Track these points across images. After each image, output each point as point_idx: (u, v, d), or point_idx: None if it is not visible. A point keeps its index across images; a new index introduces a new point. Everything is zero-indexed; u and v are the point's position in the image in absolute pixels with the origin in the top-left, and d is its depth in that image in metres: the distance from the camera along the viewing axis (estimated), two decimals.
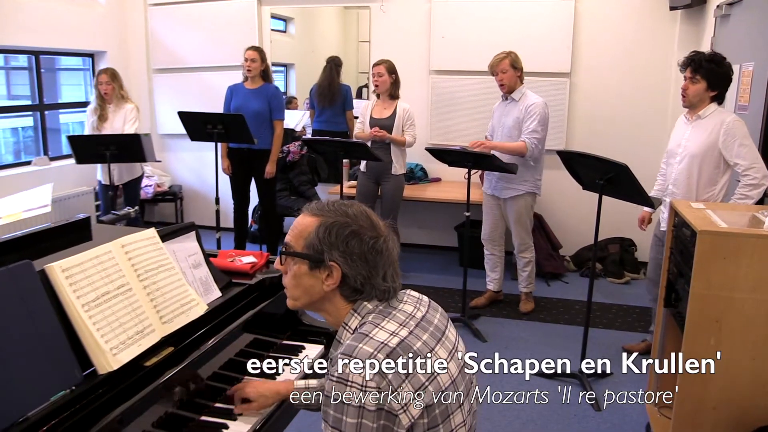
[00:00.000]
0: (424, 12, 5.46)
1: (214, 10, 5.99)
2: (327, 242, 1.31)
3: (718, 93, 3.16)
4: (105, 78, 4.89)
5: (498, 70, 4.08)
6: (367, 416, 1.16)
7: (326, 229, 1.31)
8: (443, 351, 1.31)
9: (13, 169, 5.38)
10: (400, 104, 4.62)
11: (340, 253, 1.30)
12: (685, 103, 3.22)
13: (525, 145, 4.02)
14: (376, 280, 1.32)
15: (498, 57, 4.09)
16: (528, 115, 4.04)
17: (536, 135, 4.03)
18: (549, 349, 3.87)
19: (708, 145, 3.14)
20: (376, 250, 1.31)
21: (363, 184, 4.79)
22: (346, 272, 1.31)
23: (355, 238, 1.30)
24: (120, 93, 4.95)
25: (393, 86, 4.62)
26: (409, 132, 4.60)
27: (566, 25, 5.13)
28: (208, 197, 6.10)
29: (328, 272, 1.32)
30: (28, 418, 1.21)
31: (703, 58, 3.12)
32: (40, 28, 5.24)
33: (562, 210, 5.41)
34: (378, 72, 4.57)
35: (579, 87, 5.25)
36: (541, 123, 4.04)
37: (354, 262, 1.30)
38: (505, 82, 4.09)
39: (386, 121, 4.59)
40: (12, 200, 2.61)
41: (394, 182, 4.70)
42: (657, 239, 3.55)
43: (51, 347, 1.30)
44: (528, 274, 4.40)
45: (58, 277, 1.38)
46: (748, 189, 3.05)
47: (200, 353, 1.65)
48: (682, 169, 3.25)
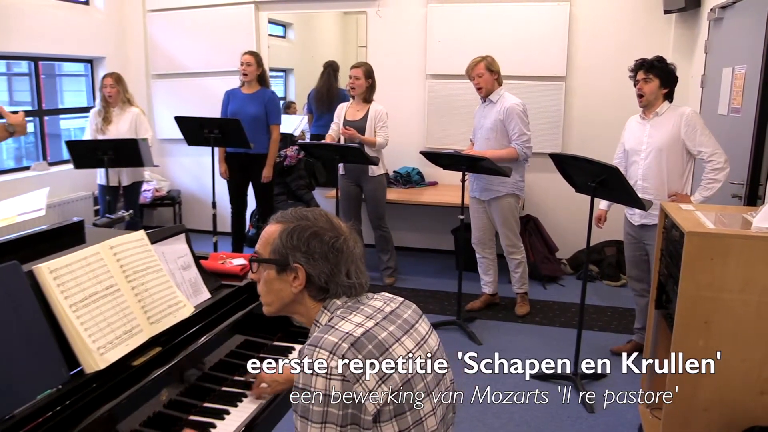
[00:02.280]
0: (421, 16, 5.49)
1: (212, 16, 6.02)
2: (290, 245, 1.37)
3: (669, 91, 3.43)
4: (110, 81, 4.93)
5: (474, 74, 4.13)
6: (332, 404, 1.21)
7: (288, 234, 1.38)
8: (410, 341, 1.35)
9: (13, 174, 5.41)
10: (373, 106, 4.66)
11: (302, 254, 1.37)
12: (643, 102, 3.46)
13: (516, 152, 4.08)
14: (339, 278, 1.38)
15: (474, 61, 4.14)
16: (508, 119, 4.08)
17: (524, 137, 4.08)
18: (544, 351, 3.88)
19: (671, 138, 3.36)
20: (337, 249, 1.37)
21: (344, 187, 4.81)
22: (310, 272, 1.37)
23: (315, 239, 1.37)
24: (125, 96, 4.99)
25: (368, 90, 4.66)
26: (380, 133, 4.63)
27: (561, 29, 5.15)
28: (207, 202, 6.11)
29: (294, 274, 1.38)
30: (14, 415, 1.23)
31: (652, 60, 3.43)
32: (39, 35, 5.27)
33: (559, 213, 5.43)
34: (355, 75, 4.62)
35: (574, 90, 5.27)
36: (524, 124, 4.09)
37: (316, 262, 1.36)
38: (482, 86, 4.13)
39: (358, 123, 4.63)
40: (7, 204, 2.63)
41: (374, 183, 4.73)
42: (630, 237, 3.66)
43: (38, 346, 1.32)
44: (520, 275, 4.41)
45: (46, 278, 1.40)
46: (715, 173, 3.27)
47: (188, 353, 1.67)
48: (651, 164, 3.43)
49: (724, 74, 3.94)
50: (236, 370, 1.91)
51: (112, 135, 4.87)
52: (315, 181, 6.04)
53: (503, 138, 4.12)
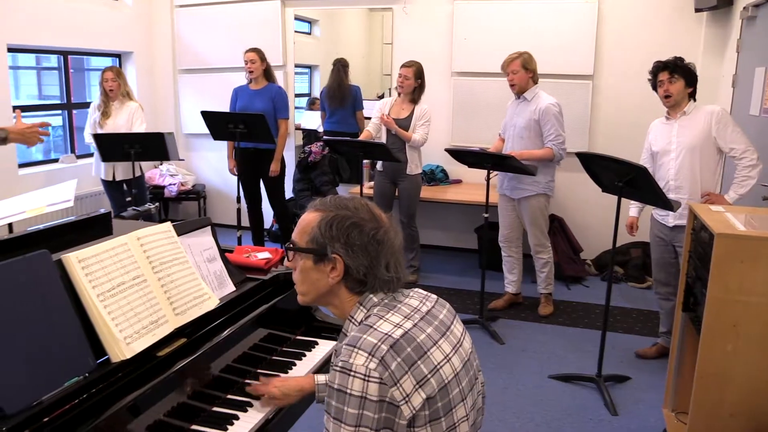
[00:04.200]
0: (447, 14, 5.47)
1: (239, 12, 6.06)
2: (329, 235, 1.33)
3: (693, 90, 3.42)
4: (111, 75, 4.97)
5: (509, 71, 4.09)
6: (368, 406, 1.17)
7: (327, 223, 1.33)
8: (447, 345, 1.31)
9: (42, 167, 5.50)
10: (419, 105, 4.63)
11: (341, 245, 1.32)
12: (670, 102, 3.43)
13: (552, 152, 4.03)
14: (378, 270, 1.33)
15: (510, 57, 4.09)
16: (544, 120, 4.03)
17: (560, 139, 4.04)
18: (567, 352, 3.84)
19: (703, 136, 3.33)
20: (377, 241, 1.33)
21: (380, 184, 4.81)
22: (348, 263, 1.32)
23: (355, 230, 1.32)
24: (125, 90, 5.04)
25: (416, 91, 4.63)
26: (420, 130, 4.60)
27: (589, 27, 5.09)
28: (231, 196, 6.18)
29: (332, 265, 1.34)
30: (42, 402, 1.24)
31: (675, 61, 3.42)
32: (69, 30, 5.36)
33: (584, 213, 5.37)
34: (405, 74, 4.59)
35: (602, 89, 5.21)
36: (560, 125, 4.04)
37: (355, 253, 1.32)
38: (515, 83, 4.09)
39: (402, 122, 4.61)
40: (37, 195, 2.68)
41: (410, 182, 4.71)
42: (658, 239, 3.61)
43: (65, 334, 1.34)
44: (546, 275, 4.37)
45: (74, 267, 1.41)
46: (749, 170, 3.26)
47: (212, 345, 1.68)
48: (683, 163, 3.40)
49: (757, 74, 3.86)
50: (259, 362, 1.92)
51: (110, 129, 4.93)
52: (339, 177, 6.07)
53: (537, 137, 4.08)
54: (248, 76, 5.09)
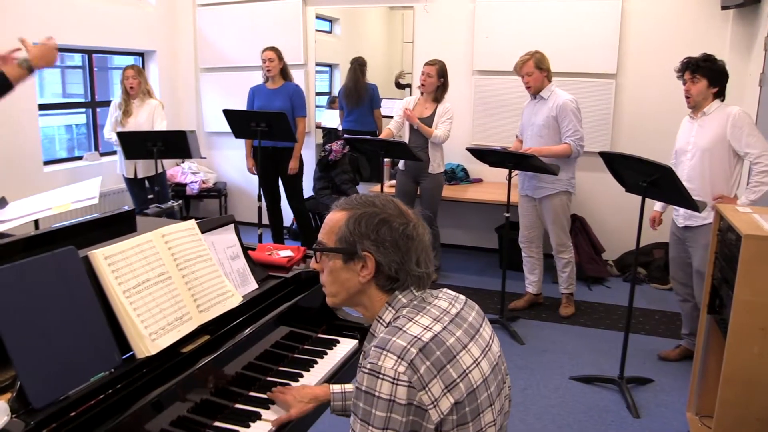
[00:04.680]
0: (468, 12, 5.44)
1: (260, 11, 6.09)
2: (358, 233, 1.31)
3: (719, 89, 3.32)
4: (131, 73, 5.03)
5: (523, 72, 4.05)
6: (397, 410, 1.15)
7: (356, 221, 1.32)
8: (476, 349, 1.29)
9: (66, 164, 5.57)
10: (442, 104, 4.62)
11: (371, 242, 1.30)
12: (690, 103, 3.38)
13: (570, 148, 3.99)
14: (410, 266, 1.31)
15: (522, 59, 4.05)
16: (562, 116, 3.99)
17: (578, 135, 4.00)
18: (588, 353, 3.81)
19: (717, 138, 3.27)
20: (407, 236, 1.31)
21: (402, 182, 4.80)
22: (379, 260, 1.31)
23: (385, 226, 1.30)
24: (145, 88, 5.09)
25: (439, 89, 4.61)
26: (442, 126, 4.58)
27: (613, 25, 5.04)
28: (251, 194, 6.22)
29: (362, 263, 1.32)
30: (69, 396, 1.26)
31: (698, 60, 3.34)
32: (93, 28, 5.41)
33: (606, 213, 5.32)
34: (428, 72, 4.57)
35: (625, 88, 5.15)
36: (578, 120, 4.01)
37: (386, 250, 1.30)
38: (531, 84, 4.06)
39: (425, 120, 4.60)
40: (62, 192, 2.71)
41: (432, 181, 4.69)
42: (676, 238, 3.57)
43: (92, 330, 1.35)
44: (567, 275, 4.33)
45: (100, 264, 1.42)
46: (762, 176, 3.18)
47: (235, 342, 1.68)
48: (695, 165, 3.36)
49: None
50: (281, 360, 1.92)
51: (131, 127, 4.98)
52: (359, 175, 6.07)
53: (555, 135, 4.05)
54: (266, 75, 5.11)
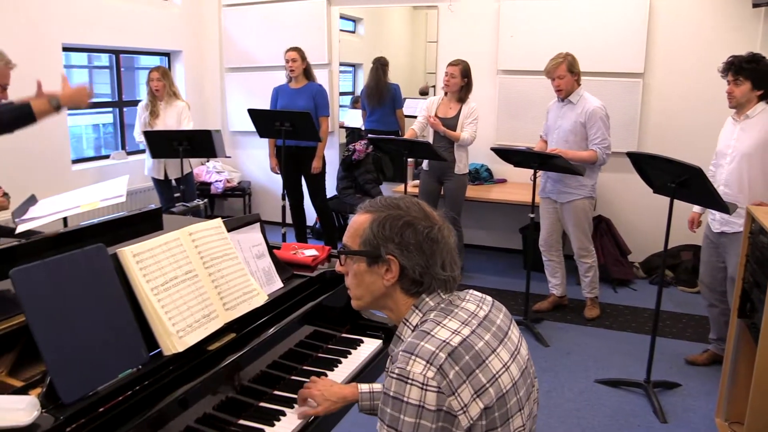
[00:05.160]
0: (493, 11, 5.41)
1: (285, 11, 6.12)
2: (382, 236, 1.30)
3: (765, 91, 3.19)
4: (156, 75, 5.08)
5: (555, 76, 3.99)
6: (426, 416, 1.13)
7: (380, 224, 1.30)
8: (505, 352, 1.27)
9: (94, 162, 5.65)
10: (466, 104, 4.59)
11: (395, 245, 1.29)
12: (732, 103, 3.27)
13: (596, 155, 3.95)
14: (434, 270, 1.29)
15: (555, 62, 3.98)
16: (590, 123, 3.94)
17: (605, 143, 3.95)
18: (614, 356, 3.76)
19: (759, 143, 3.15)
20: (432, 239, 1.29)
21: (425, 182, 4.78)
22: (404, 264, 1.29)
23: (409, 229, 1.29)
24: (171, 90, 5.13)
25: (463, 89, 4.58)
26: (468, 128, 4.55)
27: (640, 23, 4.96)
28: (275, 193, 6.24)
29: (386, 266, 1.31)
30: (98, 392, 1.27)
31: (742, 60, 3.20)
32: (120, 29, 5.48)
33: (632, 214, 5.25)
34: (451, 72, 4.54)
35: (653, 88, 5.07)
36: (606, 128, 3.96)
37: (411, 253, 1.28)
38: (562, 87, 4.00)
39: (449, 121, 4.57)
40: (90, 190, 2.74)
41: (456, 181, 4.66)
42: (709, 241, 3.48)
43: (120, 327, 1.36)
44: (590, 279, 4.28)
45: (129, 261, 1.43)
46: None
47: (260, 341, 1.69)
48: (733, 169, 3.24)
49: None
50: (305, 359, 1.92)
51: (159, 128, 5.03)
52: (382, 175, 6.07)
53: (582, 141, 4.00)
54: (289, 75, 5.13)
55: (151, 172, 5.25)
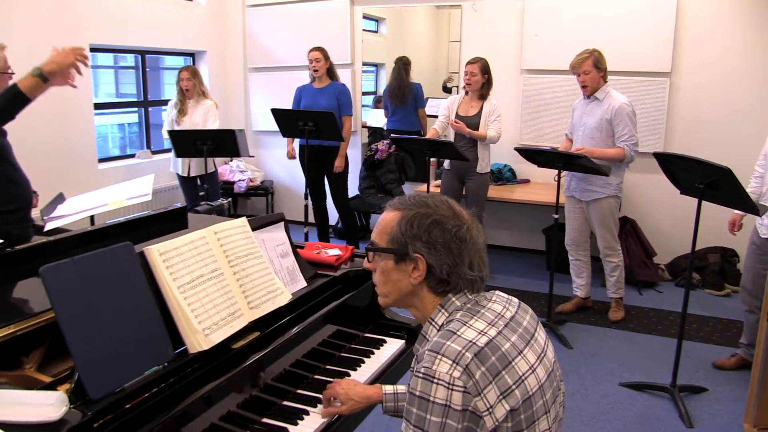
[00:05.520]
0: (517, 10, 5.37)
1: (308, 11, 6.14)
2: (410, 234, 1.29)
3: None
4: (186, 74, 5.13)
5: (580, 71, 3.94)
6: (452, 416, 1.13)
7: (408, 222, 1.30)
8: (532, 354, 1.26)
9: (119, 162, 5.72)
10: (488, 101, 4.56)
11: (423, 243, 1.28)
12: None
13: (623, 152, 3.89)
14: (462, 269, 1.28)
15: (580, 57, 3.94)
16: (617, 120, 3.88)
17: (633, 140, 3.89)
18: (639, 359, 3.71)
19: None
20: (460, 238, 1.28)
21: (447, 182, 4.76)
22: (431, 263, 1.28)
23: (437, 227, 1.28)
24: (200, 89, 5.18)
25: (485, 86, 4.56)
26: (493, 126, 4.52)
27: (667, 21, 4.89)
28: (298, 193, 6.27)
29: (413, 265, 1.30)
30: (124, 389, 1.28)
31: None
32: (146, 30, 5.55)
33: (658, 215, 5.17)
34: (471, 71, 4.53)
35: (680, 87, 4.99)
36: (633, 125, 3.90)
37: (438, 252, 1.27)
38: (587, 84, 3.95)
39: (472, 119, 4.54)
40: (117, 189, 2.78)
41: (478, 180, 4.63)
42: (756, 247, 3.37)
43: (147, 324, 1.37)
44: (616, 279, 4.23)
45: (156, 260, 1.44)
46: None
47: (284, 340, 1.69)
48: None
49: None
50: (328, 359, 1.92)
51: (186, 126, 5.08)
52: (405, 175, 6.06)
53: (608, 138, 3.94)
54: (313, 74, 5.16)
55: (175, 168, 5.30)
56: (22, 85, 2.44)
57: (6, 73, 2.59)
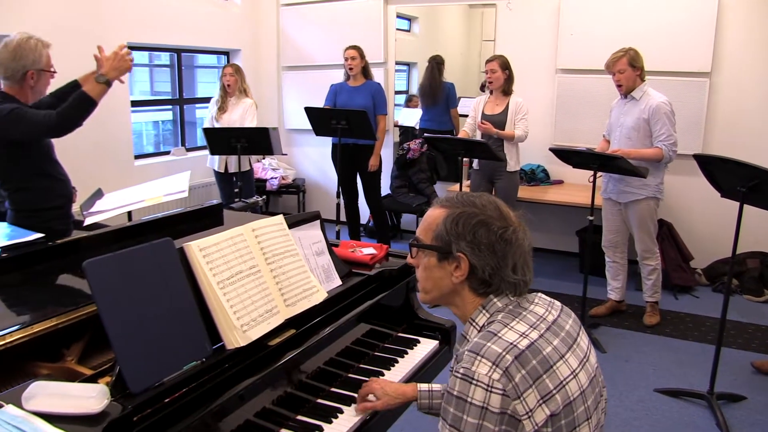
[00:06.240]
0: (553, 8, 5.30)
1: (342, 10, 6.15)
2: (454, 233, 1.27)
3: None
4: (230, 70, 5.20)
5: (615, 70, 3.86)
6: (489, 418, 1.11)
7: (453, 220, 1.28)
8: (574, 359, 1.23)
9: (154, 158, 5.80)
10: (512, 99, 4.52)
11: (467, 243, 1.26)
12: None
13: (662, 153, 3.80)
14: (505, 272, 1.27)
15: (615, 56, 3.86)
16: (654, 119, 3.80)
17: (671, 140, 3.80)
18: (674, 366, 3.63)
19: None
20: (505, 240, 1.26)
21: (476, 182, 4.72)
22: (473, 263, 1.27)
23: (482, 228, 1.26)
24: (242, 87, 5.22)
25: (506, 82, 4.52)
26: (520, 125, 4.47)
27: (708, 20, 4.77)
28: (329, 191, 6.30)
29: (456, 264, 1.28)
30: (163, 383, 1.29)
31: None
32: (181, 28, 5.62)
33: (695, 219, 5.06)
34: (491, 68, 4.50)
35: (720, 88, 4.87)
36: (671, 124, 3.81)
37: (482, 253, 1.26)
38: (622, 83, 3.87)
39: (498, 117, 4.50)
40: (154, 185, 2.81)
41: (507, 180, 4.58)
42: None
43: (185, 320, 1.38)
44: (653, 282, 4.15)
45: (195, 256, 1.45)
46: None
47: (319, 338, 1.69)
48: None
49: None
50: (362, 358, 1.92)
51: (225, 123, 5.13)
52: (436, 174, 6.04)
53: (645, 138, 3.86)
54: (348, 73, 5.16)
55: (212, 164, 5.36)
56: (92, 93, 2.54)
57: (48, 71, 2.67)
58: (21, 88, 2.61)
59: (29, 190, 2.67)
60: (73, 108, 2.52)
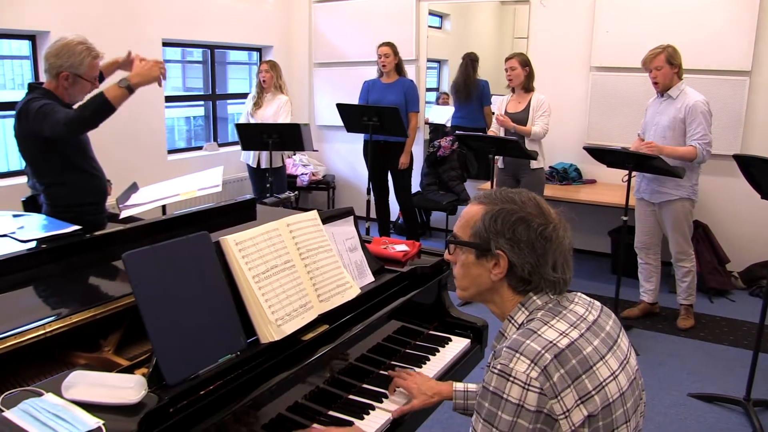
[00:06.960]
0: (588, 5, 5.22)
1: (374, 6, 6.14)
2: (493, 230, 1.25)
3: None
4: (265, 67, 5.25)
5: (652, 67, 3.78)
6: (524, 416, 1.10)
7: (492, 217, 1.26)
8: (614, 360, 1.21)
9: (186, 153, 5.87)
10: (535, 96, 4.47)
11: (506, 240, 1.24)
12: None
13: (695, 151, 3.71)
14: (544, 270, 1.24)
15: (653, 52, 3.78)
16: (690, 118, 3.72)
17: (706, 139, 3.71)
18: (709, 370, 3.56)
19: None
20: (545, 238, 1.24)
21: (502, 180, 4.68)
22: (513, 260, 1.24)
23: (522, 225, 1.24)
24: (278, 83, 5.25)
25: (527, 79, 4.48)
26: (539, 122, 4.42)
27: (749, 17, 4.65)
28: (359, 187, 6.30)
29: (494, 261, 1.26)
30: (198, 375, 1.30)
31: None
32: (215, 25, 5.67)
33: (733, 221, 4.94)
34: (510, 66, 4.46)
35: (761, 87, 4.75)
36: (708, 124, 3.72)
37: (521, 250, 1.24)
38: (659, 80, 3.79)
39: (520, 115, 4.46)
40: (188, 179, 2.84)
41: (532, 177, 4.52)
42: None
43: (221, 313, 1.39)
44: (687, 285, 4.06)
45: (231, 250, 1.46)
46: None
47: (352, 334, 1.68)
48: None
49: None
50: (393, 354, 1.91)
51: (259, 119, 5.18)
52: (467, 172, 6.00)
53: (680, 137, 3.78)
54: (381, 69, 5.16)
55: (246, 159, 5.41)
56: (110, 96, 2.53)
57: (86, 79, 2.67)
58: (57, 86, 2.64)
59: (63, 185, 2.68)
60: (89, 109, 2.51)
